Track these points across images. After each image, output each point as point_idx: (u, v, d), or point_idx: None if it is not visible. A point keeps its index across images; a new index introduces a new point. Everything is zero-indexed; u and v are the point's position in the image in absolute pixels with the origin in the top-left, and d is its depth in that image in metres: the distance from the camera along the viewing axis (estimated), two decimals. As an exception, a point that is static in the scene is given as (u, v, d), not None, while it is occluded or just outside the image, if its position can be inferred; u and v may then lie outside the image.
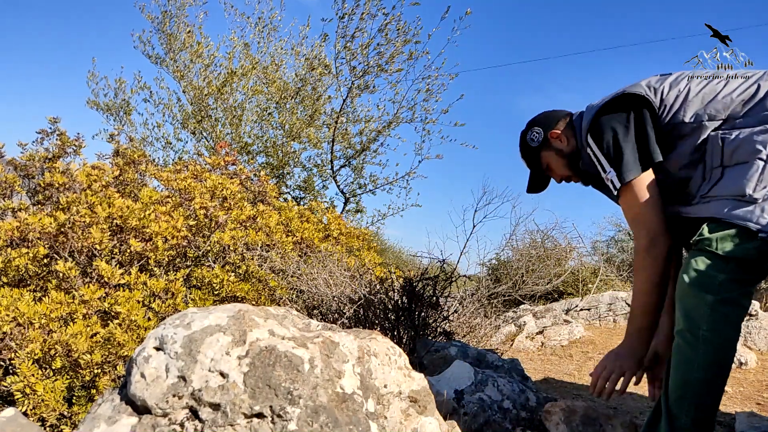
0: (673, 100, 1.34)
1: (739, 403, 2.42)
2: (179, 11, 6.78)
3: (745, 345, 3.39)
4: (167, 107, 7.09)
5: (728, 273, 1.17)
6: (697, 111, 1.30)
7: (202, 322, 0.98)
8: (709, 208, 1.23)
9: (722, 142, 1.24)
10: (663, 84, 1.37)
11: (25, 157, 3.31)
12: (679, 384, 1.21)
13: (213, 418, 0.89)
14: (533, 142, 1.60)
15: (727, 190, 1.21)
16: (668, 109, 1.34)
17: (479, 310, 3.46)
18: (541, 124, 1.60)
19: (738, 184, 1.18)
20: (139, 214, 2.61)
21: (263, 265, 2.95)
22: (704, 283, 1.18)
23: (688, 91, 1.33)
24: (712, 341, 1.16)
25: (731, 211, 1.17)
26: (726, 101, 1.28)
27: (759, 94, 1.26)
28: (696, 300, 1.18)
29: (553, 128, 1.57)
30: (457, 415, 1.57)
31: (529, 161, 1.67)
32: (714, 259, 1.18)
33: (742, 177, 1.18)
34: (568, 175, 1.61)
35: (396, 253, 10.40)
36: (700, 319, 1.17)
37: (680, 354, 1.21)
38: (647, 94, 1.34)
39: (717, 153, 1.25)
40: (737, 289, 1.16)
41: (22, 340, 1.98)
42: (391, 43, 6.19)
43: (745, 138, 1.21)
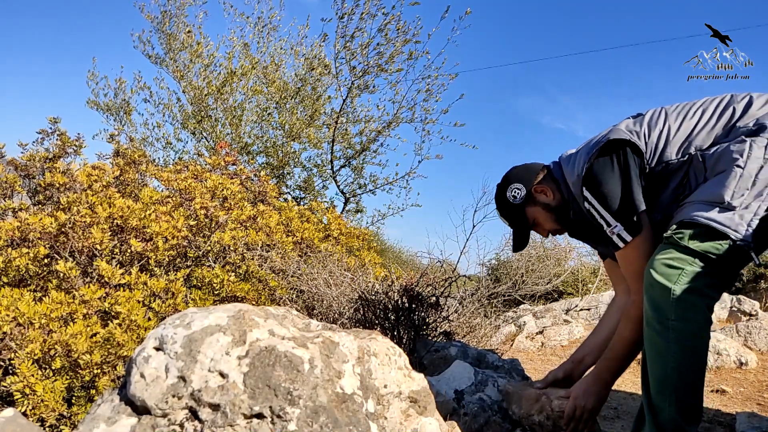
0: (656, 141, 1.37)
1: (739, 403, 2.42)
2: (179, 11, 6.78)
3: (745, 345, 3.39)
4: (167, 107, 7.08)
5: (695, 266, 1.20)
6: (683, 146, 1.33)
7: (202, 322, 0.98)
8: (684, 212, 1.26)
9: (703, 159, 1.28)
10: (642, 126, 1.40)
11: (26, 157, 3.31)
12: (657, 377, 1.22)
13: (213, 419, 0.89)
14: (515, 200, 1.58)
15: (704, 195, 1.24)
16: (654, 150, 1.36)
17: (479, 310, 3.46)
18: (520, 180, 1.58)
19: (716, 190, 1.21)
20: (139, 214, 2.61)
21: (263, 265, 2.95)
22: (671, 275, 1.21)
23: (668, 130, 1.37)
24: (681, 329, 1.18)
25: (707, 213, 1.20)
26: (707, 131, 1.32)
27: (735, 116, 1.30)
28: (662, 291, 1.20)
29: (534, 183, 1.56)
30: (457, 416, 1.57)
31: (512, 219, 1.64)
32: (683, 252, 1.21)
33: (721, 184, 1.21)
34: (554, 229, 1.60)
35: (396, 253, 10.40)
36: (668, 309, 1.19)
37: (653, 346, 1.24)
38: (632, 139, 1.36)
39: (700, 170, 1.29)
40: (702, 280, 1.19)
41: (22, 340, 1.98)
42: (390, 43, 6.19)
43: (723, 150, 1.25)
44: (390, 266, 3.06)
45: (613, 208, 1.34)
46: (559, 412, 1.46)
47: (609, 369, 1.45)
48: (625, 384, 2.83)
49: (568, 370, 1.60)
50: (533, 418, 1.50)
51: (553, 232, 1.63)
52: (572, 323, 4.25)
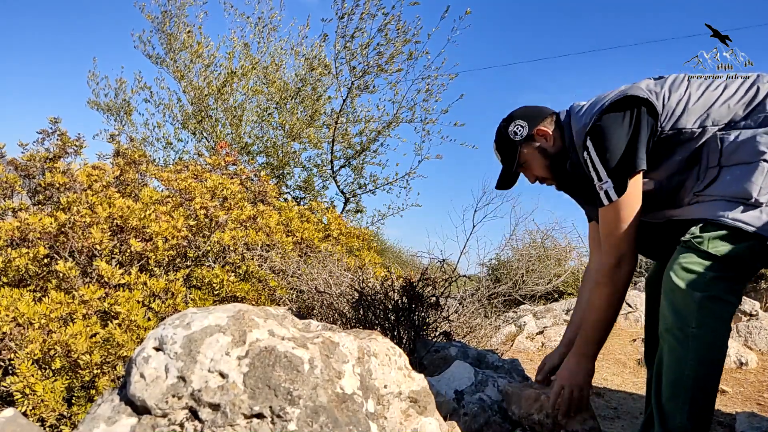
0: (674, 106, 1.29)
1: (739, 403, 2.41)
2: (179, 11, 6.78)
3: (746, 345, 3.39)
4: (167, 107, 7.09)
5: (716, 271, 1.16)
6: (701, 117, 1.26)
7: (201, 322, 0.98)
8: (704, 210, 1.20)
9: (721, 143, 1.21)
10: (663, 88, 1.33)
11: (26, 157, 3.31)
12: (672, 382, 1.19)
13: (213, 419, 0.89)
14: (515, 136, 1.51)
15: (727, 190, 1.17)
16: (670, 115, 1.29)
17: (479, 311, 3.46)
18: (526, 119, 1.51)
19: (741, 186, 1.15)
20: (139, 214, 2.61)
21: (263, 265, 2.95)
22: (692, 281, 1.17)
23: (689, 97, 1.29)
24: (701, 337, 1.15)
25: (732, 213, 1.14)
26: (727, 106, 1.25)
27: (758, 96, 1.23)
28: (684, 297, 1.17)
29: (540, 125, 1.49)
30: (457, 416, 1.57)
31: (505, 156, 1.57)
32: (703, 257, 1.17)
33: (746, 179, 1.15)
34: (543, 176, 1.54)
35: (396, 253, 10.40)
36: (690, 316, 1.16)
37: (671, 352, 1.20)
38: (650, 98, 1.29)
39: (715, 153, 1.22)
40: (724, 287, 1.15)
41: (22, 341, 1.98)
42: (390, 43, 6.19)
43: (747, 139, 1.18)
44: (390, 266, 3.06)
45: (610, 163, 1.28)
46: (558, 410, 1.46)
47: (587, 341, 1.41)
48: (626, 384, 2.83)
49: (562, 354, 1.57)
50: (533, 418, 1.50)
51: (541, 180, 1.56)
52: (572, 323, 4.24)
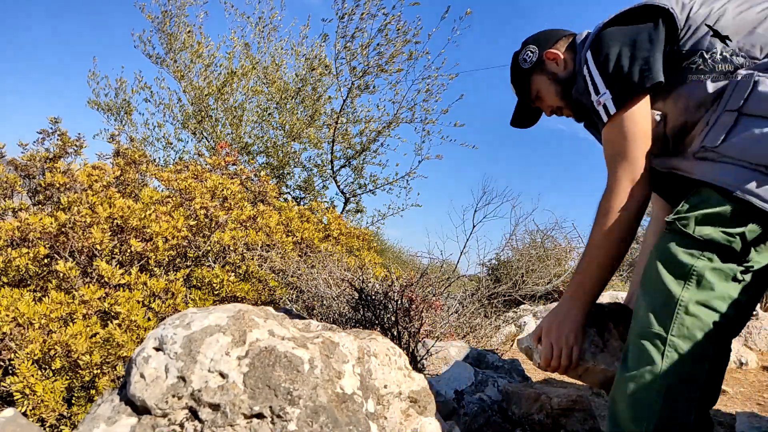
0: (702, 20, 1.03)
1: (739, 403, 2.41)
2: (179, 11, 6.78)
3: (746, 345, 3.39)
4: (168, 107, 7.09)
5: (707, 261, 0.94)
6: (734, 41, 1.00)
7: (201, 322, 0.98)
8: (716, 171, 0.93)
9: (753, 85, 0.93)
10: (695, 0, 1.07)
11: (26, 157, 3.31)
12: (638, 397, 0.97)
13: (213, 419, 0.89)
14: (525, 63, 1.32)
15: (745, 152, 0.90)
16: (692, 31, 1.04)
17: (479, 311, 3.46)
18: (537, 43, 1.32)
19: (763, 149, 0.88)
20: (139, 214, 2.61)
21: (263, 265, 2.95)
22: (677, 273, 0.96)
23: (723, 13, 1.02)
24: (680, 349, 0.94)
25: (748, 184, 0.88)
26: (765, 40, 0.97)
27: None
28: (666, 295, 0.96)
29: (551, 47, 1.30)
30: (457, 416, 1.57)
31: (517, 87, 1.38)
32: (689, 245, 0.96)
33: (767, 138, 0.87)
34: (559, 106, 1.33)
35: (396, 253, 10.40)
36: (668, 319, 0.95)
37: (639, 361, 0.97)
38: (672, 9, 1.05)
39: (740, 93, 0.94)
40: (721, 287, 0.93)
41: (22, 341, 1.98)
42: (391, 43, 6.19)
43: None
44: (390, 266, 3.06)
45: (608, 71, 1.06)
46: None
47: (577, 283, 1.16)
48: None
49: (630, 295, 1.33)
50: (533, 417, 1.50)
51: (556, 111, 1.35)
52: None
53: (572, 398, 1.57)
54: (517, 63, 1.35)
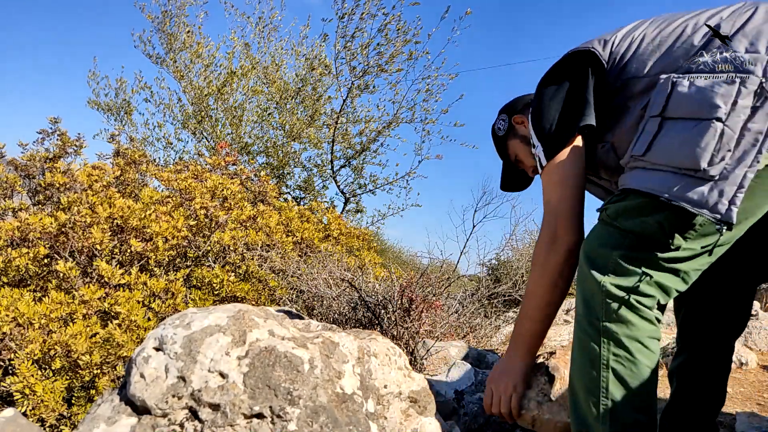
0: (623, 51, 1.07)
1: (739, 403, 2.41)
2: (179, 11, 6.79)
3: (746, 345, 3.39)
4: (168, 107, 7.10)
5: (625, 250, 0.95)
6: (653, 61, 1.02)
7: (201, 322, 0.98)
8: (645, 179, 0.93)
9: (671, 87, 0.94)
10: (618, 33, 1.11)
11: (26, 157, 3.31)
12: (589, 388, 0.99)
13: (213, 419, 0.89)
14: (500, 131, 1.40)
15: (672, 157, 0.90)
16: (617, 62, 1.07)
17: (479, 311, 3.46)
18: (506, 110, 1.40)
19: (687, 152, 0.87)
20: (139, 214, 2.61)
21: (263, 265, 2.95)
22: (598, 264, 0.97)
23: (642, 38, 1.05)
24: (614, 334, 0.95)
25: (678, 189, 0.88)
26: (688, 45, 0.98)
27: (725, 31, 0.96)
28: (593, 284, 0.97)
29: (518, 113, 1.37)
30: (457, 416, 1.57)
31: (500, 153, 1.45)
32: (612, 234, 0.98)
33: (693, 142, 0.87)
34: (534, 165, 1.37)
35: (396, 253, 10.40)
36: (598, 307, 0.96)
37: (583, 352, 1.00)
38: (595, 49, 1.09)
39: (661, 99, 0.94)
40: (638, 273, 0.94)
41: (22, 341, 1.98)
42: (391, 43, 6.20)
43: (701, 87, 0.90)
44: (390, 266, 3.06)
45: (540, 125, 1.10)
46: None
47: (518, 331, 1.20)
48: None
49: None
50: None
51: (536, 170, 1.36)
52: (572, 323, 4.25)
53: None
54: (494, 132, 1.43)
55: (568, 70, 1.12)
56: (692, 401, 1.28)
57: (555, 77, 1.14)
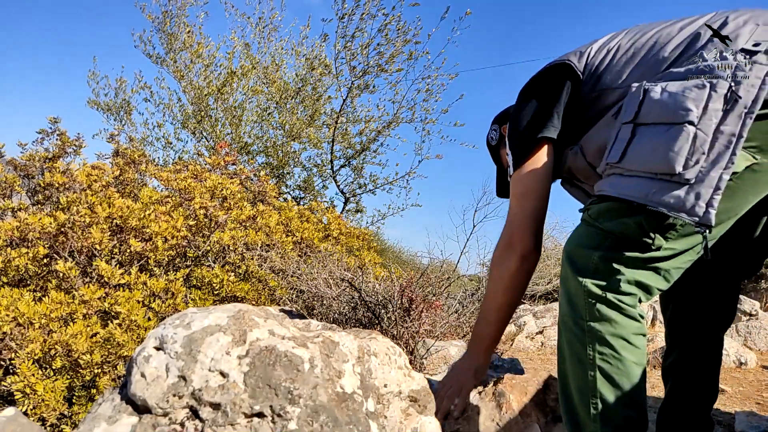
0: (598, 63, 1.10)
1: (738, 402, 2.41)
2: (180, 11, 6.78)
3: (745, 345, 3.39)
4: (167, 107, 7.09)
5: (605, 250, 0.97)
6: (627, 73, 1.05)
7: (202, 322, 0.98)
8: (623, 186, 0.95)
9: (644, 94, 0.95)
10: (594, 44, 1.14)
11: (25, 157, 3.31)
12: (579, 387, 1.01)
13: (213, 418, 0.89)
14: (492, 140, 1.46)
15: (646, 163, 0.91)
16: (592, 72, 1.10)
17: (479, 310, 3.46)
18: (498, 121, 1.45)
19: (661, 157, 0.89)
20: (139, 214, 2.61)
21: (263, 265, 2.95)
22: (580, 264, 1.00)
23: (617, 49, 1.08)
24: (598, 332, 0.97)
25: (655, 194, 0.89)
26: (660, 55, 1.01)
27: (700, 40, 0.98)
28: (576, 284, 0.99)
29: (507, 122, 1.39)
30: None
31: (495, 162, 1.51)
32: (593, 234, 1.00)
33: (666, 146, 0.88)
34: None
35: (396, 253, 10.40)
36: (582, 306, 0.99)
37: (572, 351, 1.02)
38: (570, 61, 1.13)
39: (633, 105, 0.96)
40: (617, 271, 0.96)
41: (22, 340, 1.98)
42: (391, 43, 6.20)
43: (673, 92, 0.91)
44: (390, 266, 3.06)
45: (512, 135, 1.16)
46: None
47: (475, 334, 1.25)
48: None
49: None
50: None
51: None
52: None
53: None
54: (488, 141, 1.49)
55: (543, 82, 1.16)
56: (686, 396, 1.30)
57: (531, 89, 1.18)
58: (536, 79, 1.18)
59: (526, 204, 1.14)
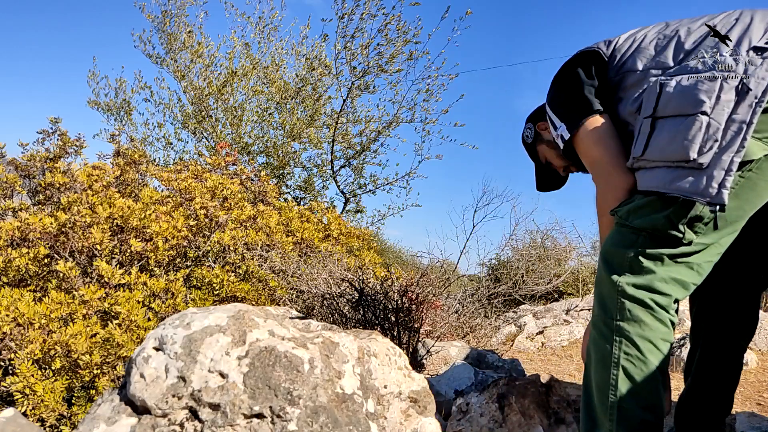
0: (625, 49, 1.17)
1: (739, 403, 2.41)
2: (179, 11, 6.79)
3: (746, 345, 3.39)
4: (168, 107, 7.10)
5: (638, 248, 0.99)
6: (647, 59, 1.11)
7: (201, 322, 0.98)
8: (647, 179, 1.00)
9: (660, 88, 1.01)
10: (624, 34, 1.22)
11: (26, 157, 3.31)
12: (600, 385, 1.02)
13: (213, 419, 0.89)
14: (528, 139, 1.53)
15: (665, 152, 0.97)
16: (619, 58, 1.17)
17: (479, 311, 3.46)
18: (531, 119, 1.53)
19: (677, 146, 0.95)
20: (139, 214, 2.61)
21: (263, 265, 2.95)
22: (614, 264, 1.02)
23: (643, 38, 1.15)
24: (628, 333, 0.98)
25: (672, 181, 0.95)
26: (679, 48, 1.07)
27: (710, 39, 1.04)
28: (609, 285, 1.01)
29: (542, 119, 1.47)
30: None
31: (532, 159, 1.58)
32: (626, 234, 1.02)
33: (682, 136, 0.94)
34: (565, 165, 1.47)
35: (396, 253, 10.40)
36: (613, 307, 1.00)
37: (597, 350, 1.03)
38: (598, 48, 1.20)
39: (651, 100, 1.02)
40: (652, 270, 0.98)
41: (22, 341, 1.98)
42: (391, 43, 6.20)
43: (686, 86, 0.98)
44: (390, 266, 3.06)
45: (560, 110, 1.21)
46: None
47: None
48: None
49: None
50: None
51: (567, 169, 1.49)
52: (572, 323, 4.25)
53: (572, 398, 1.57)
54: (523, 140, 1.55)
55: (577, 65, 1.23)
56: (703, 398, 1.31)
57: (567, 71, 1.25)
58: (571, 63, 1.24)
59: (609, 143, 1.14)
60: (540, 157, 1.53)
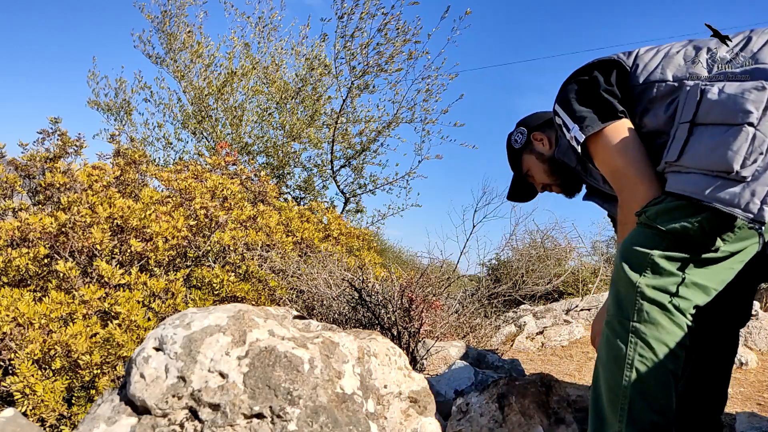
0: (650, 59, 1.14)
1: (739, 403, 2.41)
2: (179, 11, 6.79)
3: (746, 345, 3.39)
4: (168, 107, 7.10)
5: (663, 250, 0.97)
6: (678, 69, 1.08)
7: (201, 322, 0.98)
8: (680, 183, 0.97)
9: (701, 94, 0.97)
10: (641, 48, 1.19)
11: (26, 157, 3.31)
12: (611, 386, 1.00)
13: (213, 419, 0.89)
14: (516, 144, 1.46)
15: (704, 161, 0.93)
16: (643, 67, 1.14)
17: (479, 311, 3.46)
18: (526, 124, 1.45)
19: (720, 156, 0.91)
20: (139, 214, 2.61)
21: (263, 265, 2.95)
22: (635, 264, 0.99)
23: (669, 49, 1.13)
24: (643, 335, 0.96)
25: (712, 191, 0.91)
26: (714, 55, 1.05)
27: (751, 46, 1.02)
28: (627, 285, 0.99)
29: (537, 129, 1.42)
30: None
31: (512, 164, 1.51)
32: (651, 235, 0.99)
33: (726, 146, 0.90)
34: (548, 183, 1.45)
35: (396, 253, 10.39)
36: (630, 307, 0.98)
37: (609, 350, 1.01)
38: (618, 57, 1.18)
39: (691, 106, 0.98)
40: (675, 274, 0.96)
41: (22, 341, 1.98)
42: (390, 42, 6.20)
43: (732, 94, 0.94)
44: (390, 266, 3.06)
45: (576, 111, 1.15)
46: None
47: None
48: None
49: None
50: None
51: (546, 188, 1.47)
52: (573, 323, 4.25)
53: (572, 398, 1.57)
54: (510, 143, 1.48)
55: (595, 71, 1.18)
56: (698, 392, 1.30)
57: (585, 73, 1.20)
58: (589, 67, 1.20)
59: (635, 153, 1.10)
60: (522, 167, 1.48)
